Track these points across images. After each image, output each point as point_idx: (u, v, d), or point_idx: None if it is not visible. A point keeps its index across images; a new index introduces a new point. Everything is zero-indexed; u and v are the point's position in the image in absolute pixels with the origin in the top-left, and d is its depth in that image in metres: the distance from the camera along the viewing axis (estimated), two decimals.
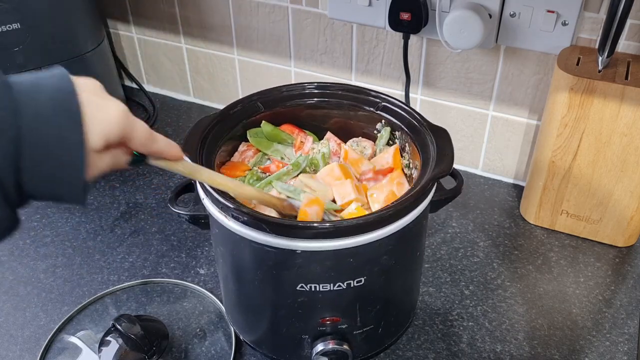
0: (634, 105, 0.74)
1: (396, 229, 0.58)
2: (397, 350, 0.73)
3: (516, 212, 0.94)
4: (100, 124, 0.43)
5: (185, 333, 0.74)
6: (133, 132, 0.46)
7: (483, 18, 0.80)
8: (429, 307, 0.79)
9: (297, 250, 0.56)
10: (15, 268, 0.86)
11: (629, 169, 0.80)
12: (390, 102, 0.72)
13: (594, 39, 0.82)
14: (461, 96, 0.96)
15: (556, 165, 0.84)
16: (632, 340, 0.74)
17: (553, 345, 0.74)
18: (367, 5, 0.90)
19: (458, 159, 1.01)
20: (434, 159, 0.63)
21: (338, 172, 0.68)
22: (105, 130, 0.43)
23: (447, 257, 0.86)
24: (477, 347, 0.74)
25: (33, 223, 0.93)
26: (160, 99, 1.24)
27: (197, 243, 0.89)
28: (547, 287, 0.82)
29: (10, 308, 0.80)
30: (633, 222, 0.84)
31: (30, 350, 0.74)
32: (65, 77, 0.43)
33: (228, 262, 0.64)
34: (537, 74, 0.88)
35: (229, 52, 1.11)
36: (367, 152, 0.74)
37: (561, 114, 0.79)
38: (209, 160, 0.65)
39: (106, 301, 0.79)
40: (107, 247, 0.89)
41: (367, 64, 1.00)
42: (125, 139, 0.46)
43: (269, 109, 0.73)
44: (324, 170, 0.70)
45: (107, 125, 0.43)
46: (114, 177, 1.02)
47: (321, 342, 0.65)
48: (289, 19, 1.01)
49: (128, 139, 0.46)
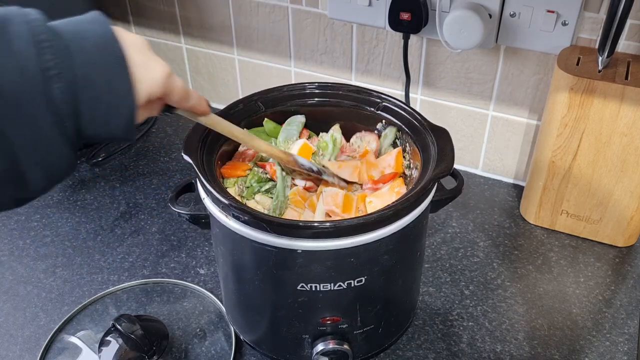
0: (634, 105, 0.74)
1: (396, 228, 0.58)
2: (397, 350, 0.73)
3: (516, 212, 0.94)
4: (145, 83, 0.46)
5: (185, 333, 0.74)
6: (173, 91, 0.50)
7: (483, 18, 0.80)
8: (429, 307, 0.79)
9: (297, 250, 0.56)
10: (15, 268, 0.86)
11: (629, 169, 0.80)
12: (390, 102, 0.72)
13: (594, 39, 0.82)
14: (461, 96, 0.96)
15: (556, 165, 0.84)
16: (632, 340, 0.74)
17: (553, 345, 0.74)
18: (367, 5, 0.90)
19: (458, 159, 1.01)
20: (434, 159, 0.63)
21: None
22: (149, 90, 0.46)
23: (447, 257, 0.86)
24: (477, 347, 0.74)
25: (33, 223, 0.93)
26: None
27: (197, 243, 0.89)
28: (547, 287, 0.82)
29: (10, 308, 0.80)
30: (633, 222, 0.84)
31: (30, 350, 0.74)
32: (104, 23, 0.45)
33: (228, 261, 0.64)
34: (537, 74, 0.88)
35: (229, 52, 1.11)
36: (372, 146, 0.74)
37: (561, 114, 0.79)
38: (209, 161, 0.65)
39: (106, 301, 0.79)
40: (107, 247, 0.89)
41: (367, 64, 1.00)
42: (165, 96, 0.49)
43: (269, 108, 0.73)
44: None
45: (152, 85, 0.46)
46: (114, 177, 1.02)
47: (321, 342, 0.65)
48: (289, 19, 1.01)
49: (167, 96, 0.50)
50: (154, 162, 1.06)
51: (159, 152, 1.08)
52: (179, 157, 1.06)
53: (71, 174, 0.44)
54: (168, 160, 1.07)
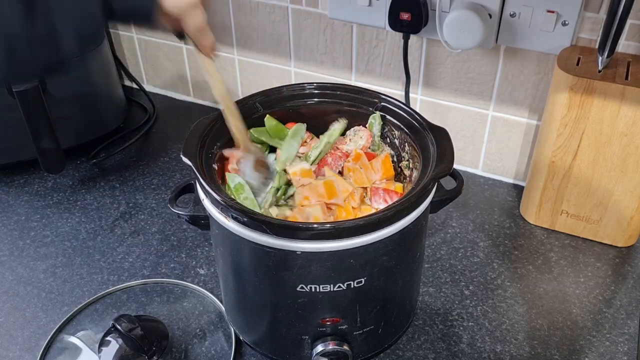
0: (634, 105, 0.74)
1: (396, 229, 0.58)
2: (397, 351, 0.73)
3: (516, 212, 0.94)
4: None
5: (185, 333, 0.74)
6: (191, 20, 0.55)
7: (483, 18, 0.80)
8: (429, 307, 0.79)
9: (297, 251, 0.56)
10: (15, 268, 0.86)
11: (629, 169, 0.80)
12: (389, 102, 0.72)
13: (594, 39, 0.82)
14: (461, 96, 0.96)
15: (556, 165, 0.84)
16: (632, 340, 0.74)
17: (553, 346, 0.74)
18: (367, 5, 0.90)
19: (458, 159, 1.01)
20: (434, 159, 0.63)
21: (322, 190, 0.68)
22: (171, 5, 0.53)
23: (447, 257, 0.86)
24: (477, 347, 0.74)
25: (33, 223, 0.93)
26: (160, 99, 1.24)
27: (197, 243, 0.89)
28: (547, 287, 0.82)
29: (10, 308, 0.80)
30: (633, 222, 0.84)
31: (30, 350, 0.74)
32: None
33: (228, 262, 0.64)
34: (537, 74, 0.88)
35: (229, 52, 1.11)
36: (361, 143, 0.73)
37: (561, 114, 0.79)
38: (209, 161, 0.65)
39: (106, 301, 0.79)
40: (107, 247, 0.89)
41: (367, 64, 1.00)
42: (182, 20, 0.55)
43: (268, 109, 0.73)
44: None
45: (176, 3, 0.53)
46: (114, 177, 1.02)
47: (321, 343, 0.65)
48: (289, 19, 1.01)
49: (184, 22, 0.55)
50: (154, 162, 1.06)
51: (159, 152, 1.09)
52: (179, 157, 1.06)
53: (98, 42, 0.51)
54: (168, 160, 1.07)
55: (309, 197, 0.66)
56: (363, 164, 0.71)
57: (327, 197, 0.66)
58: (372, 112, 0.73)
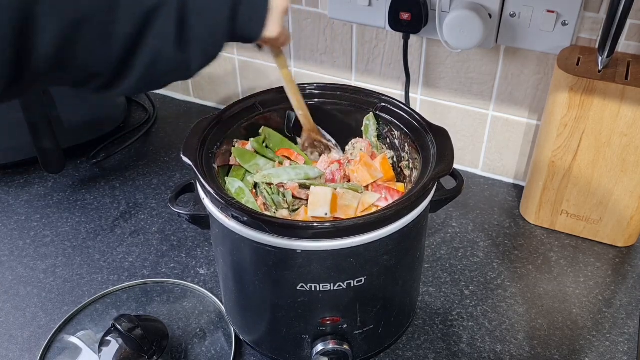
0: (634, 105, 0.74)
1: (396, 229, 0.58)
2: (397, 350, 0.73)
3: (516, 212, 0.94)
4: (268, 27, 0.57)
5: (185, 333, 0.74)
6: (284, 39, 0.61)
7: (483, 18, 0.80)
8: (429, 307, 0.79)
9: (297, 250, 0.56)
10: (15, 268, 0.86)
11: (629, 169, 0.80)
12: (389, 102, 0.72)
13: (594, 39, 0.82)
14: (461, 96, 0.96)
15: (556, 165, 0.84)
16: (632, 340, 0.74)
17: (553, 346, 0.74)
18: (367, 5, 0.90)
19: (458, 159, 1.01)
20: (434, 159, 0.63)
21: None
22: (268, 33, 0.57)
23: (447, 257, 0.86)
24: (477, 347, 0.74)
25: (33, 223, 0.93)
26: (160, 99, 1.24)
27: (197, 243, 0.89)
28: (547, 287, 0.82)
29: (10, 308, 0.80)
30: (633, 222, 0.84)
31: (30, 350, 0.74)
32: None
33: (228, 262, 0.64)
34: (537, 74, 0.88)
35: (229, 52, 1.11)
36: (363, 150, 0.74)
37: (561, 114, 0.79)
38: (209, 161, 0.65)
39: (106, 301, 0.79)
40: (107, 247, 0.89)
41: (367, 64, 1.00)
42: (276, 41, 0.59)
43: (268, 109, 0.73)
44: None
45: (273, 29, 0.57)
46: (114, 177, 1.02)
47: (321, 342, 0.65)
48: (289, 19, 1.01)
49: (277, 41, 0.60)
50: (154, 162, 1.06)
51: (159, 152, 1.09)
52: (179, 157, 1.06)
53: None
54: (168, 160, 1.07)
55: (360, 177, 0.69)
56: (366, 163, 0.71)
57: None
58: (372, 113, 0.73)
